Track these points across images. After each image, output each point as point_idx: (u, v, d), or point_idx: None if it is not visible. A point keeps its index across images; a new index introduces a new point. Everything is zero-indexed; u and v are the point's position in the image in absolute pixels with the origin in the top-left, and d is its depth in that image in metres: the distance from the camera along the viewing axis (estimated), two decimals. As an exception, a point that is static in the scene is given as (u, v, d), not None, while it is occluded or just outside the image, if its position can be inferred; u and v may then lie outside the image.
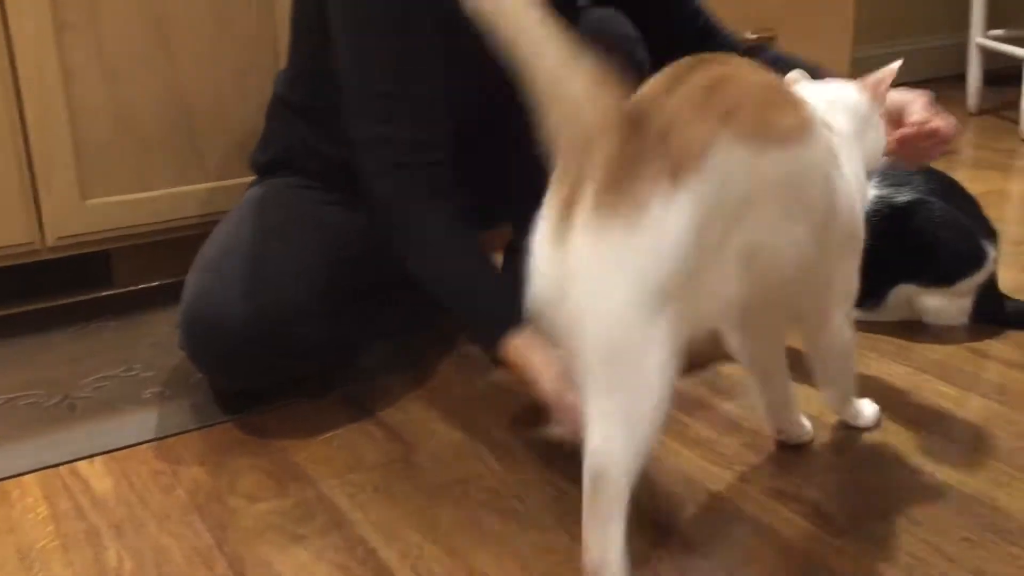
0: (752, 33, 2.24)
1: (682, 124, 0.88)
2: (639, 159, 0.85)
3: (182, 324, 1.33)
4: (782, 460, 1.22)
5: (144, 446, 1.31)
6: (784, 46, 2.27)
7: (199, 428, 1.35)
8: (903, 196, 1.52)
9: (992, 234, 1.55)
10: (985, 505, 1.12)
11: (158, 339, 1.62)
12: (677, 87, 0.91)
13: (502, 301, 1.22)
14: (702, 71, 0.93)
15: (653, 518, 1.12)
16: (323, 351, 1.39)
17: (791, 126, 0.97)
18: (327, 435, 1.33)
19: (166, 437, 1.33)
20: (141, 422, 1.37)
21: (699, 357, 1.44)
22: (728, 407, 1.36)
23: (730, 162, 0.88)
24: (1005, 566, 1.02)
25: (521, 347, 1.18)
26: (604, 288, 0.85)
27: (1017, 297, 1.61)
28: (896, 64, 1.25)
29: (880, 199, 1.51)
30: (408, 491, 1.19)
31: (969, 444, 1.24)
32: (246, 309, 1.28)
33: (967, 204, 1.58)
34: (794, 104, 0.99)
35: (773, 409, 1.24)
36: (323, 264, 1.33)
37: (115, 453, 1.29)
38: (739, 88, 0.93)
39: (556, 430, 1.15)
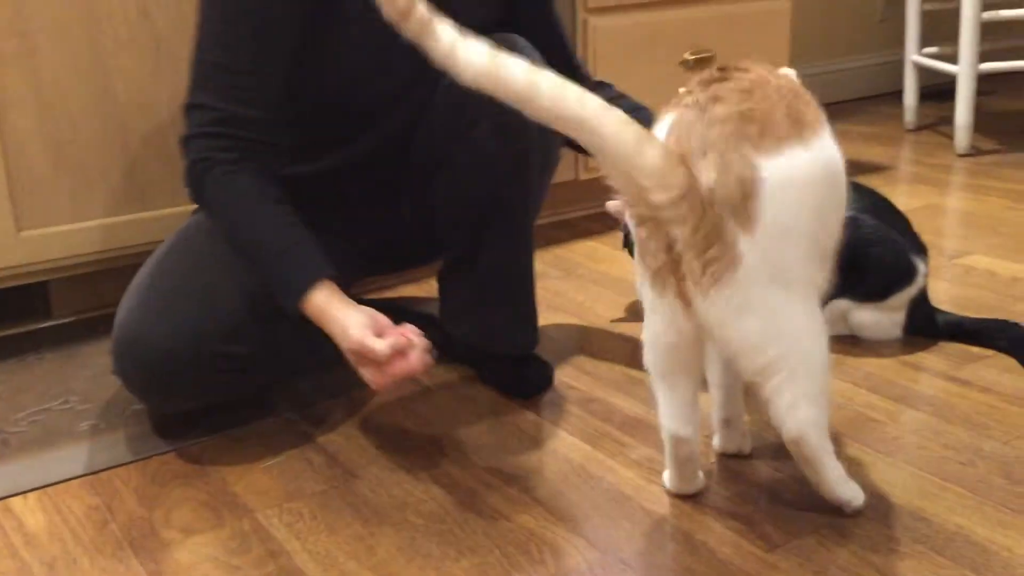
0: (691, 54, 2.28)
1: (729, 169, 1.00)
2: (717, 226, 1.01)
3: (113, 348, 1.33)
4: (718, 477, 1.24)
5: (79, 480, 1.29)
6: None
7: (135, 460, 1.33)
8: (835, 213, 1.55)
9: (923, 250, 1.59)
10: (914, 516, 1.14)
11: (96, 371, 1.60)
12: (710, 126, 1.02)
13: (303, 258, 1.27)
14: (728, 91, 1.04)
15: (590, 536, 1.13)
16: (254, 372, 1.38)
17: (817, 118, 1.07)
18: (266, 463, 1.32)
19: (102, 471, 1.31)
20: (76, 456, 1.35)
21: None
22: (667, 425, 1.37)
23: (781, 175, 1.01)
24: (932, 576, 1.04)
25: (323, 301, 1.23)
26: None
27: (953, 310, 1.65)
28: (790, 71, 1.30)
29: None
30: (347, 518, 1.19)
31: (900, 456, 1.26)
32: (173, 328, 1.29)
33: (898, 221, 1.61)
34: (809, 99, 1.09)
35: (725, 419, 1.26)
36: (251, 286, 1.34)
37: (49, 488, 1.28)
38: (766, 98, 1.03)
39: (366, 378, 1.22)
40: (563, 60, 1.50)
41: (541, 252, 2.11)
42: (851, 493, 1.14)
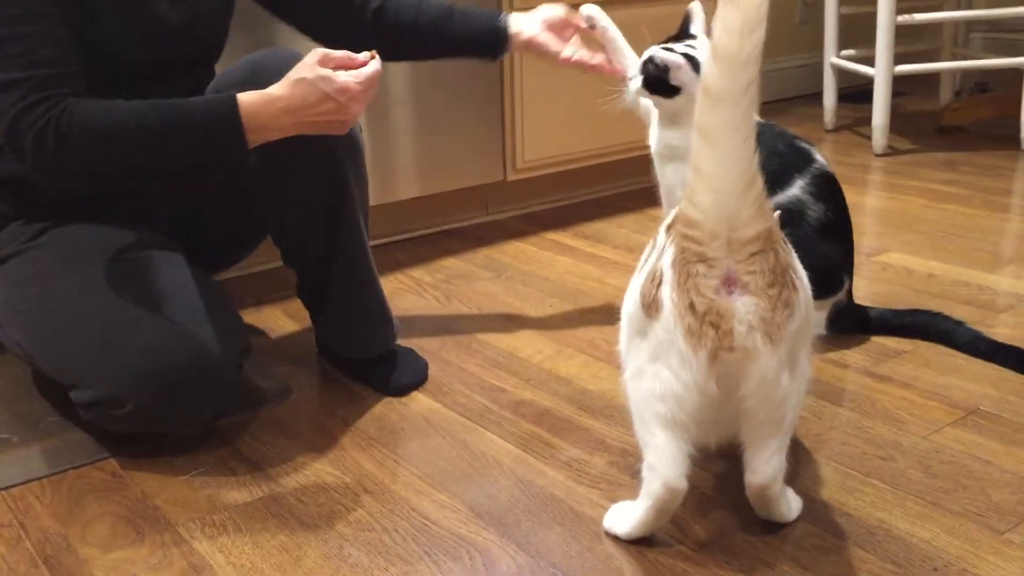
0: (615, 56, 2.28)
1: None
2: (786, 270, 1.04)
3: (123, 380, 1.25)
4: (647, 477, 1.24)
5: (-11, 497, 1.25)
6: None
7: (50, 475, 1.29)
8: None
9: (851, 270, 1.61)
10: (836, 512, 1.16)
11: (7, 382, 1.54)
12: None
13: (205, 99, 1.29)
14: None
15: (520, 540, 1.12)
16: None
17: None
18: (188, 475, 1.29)
19: (14, 486, 1.27)
20: (-13, 471, 1.30)
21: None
22: (597, 426, 1.37)
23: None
24: (855, 570, 1.05)
25: (255, 93, 1.26)
26: None
27: (871, 306, 1.68)
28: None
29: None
30: (272, 529, 1.16)
31: (824, 452, 1.29)
32: (199, 342, 1.29)
33: (845, 236, 1.62)
34: None
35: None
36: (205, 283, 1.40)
37: (-43, 506, 1.23)
38: None
39: (344, 87, 1.25)
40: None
41: (471, 254, 2.10)
42: (797, 508, 1.15)
